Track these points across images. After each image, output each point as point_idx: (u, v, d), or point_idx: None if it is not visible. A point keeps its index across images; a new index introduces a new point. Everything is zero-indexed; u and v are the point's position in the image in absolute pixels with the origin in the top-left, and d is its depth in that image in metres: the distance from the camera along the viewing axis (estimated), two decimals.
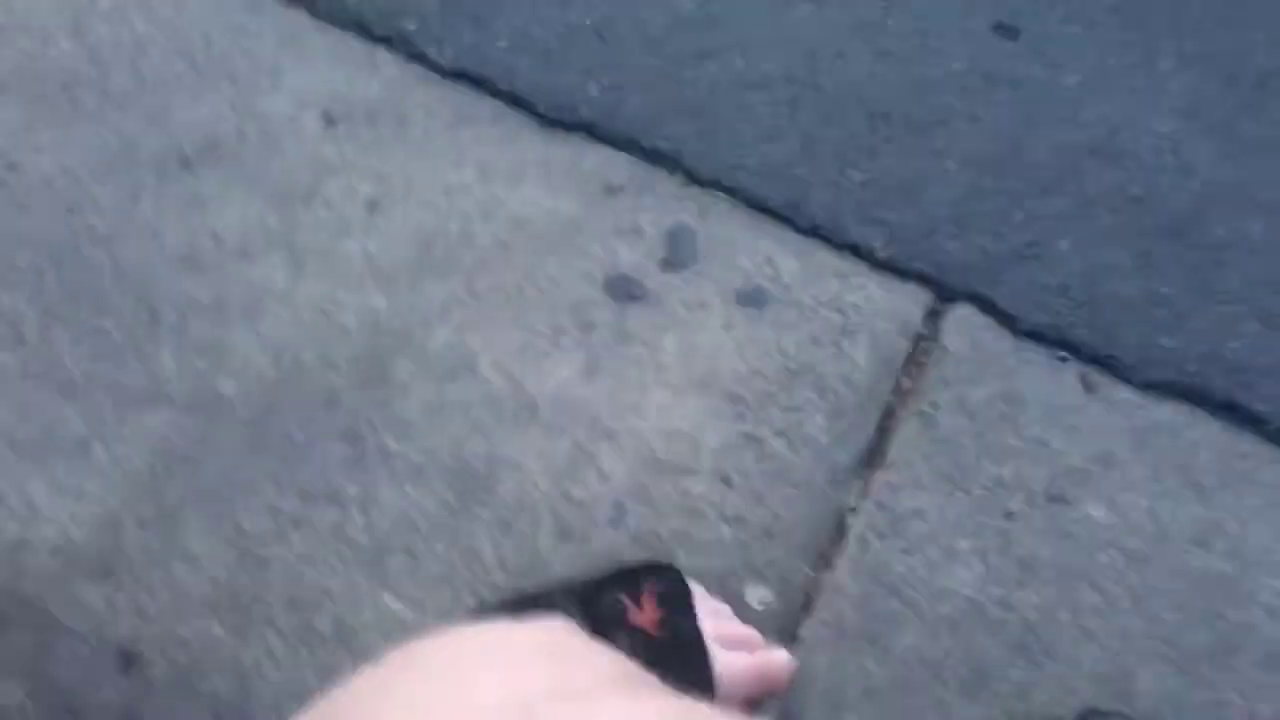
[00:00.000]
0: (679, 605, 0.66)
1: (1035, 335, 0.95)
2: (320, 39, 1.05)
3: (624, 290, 0.92)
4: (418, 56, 1.06)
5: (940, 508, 0.83)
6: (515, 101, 1.04)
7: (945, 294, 0.97)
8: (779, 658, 0.69)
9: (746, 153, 1.04)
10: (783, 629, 0.75)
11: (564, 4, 1.10)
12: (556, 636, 0.40)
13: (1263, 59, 1.11)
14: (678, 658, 0.64)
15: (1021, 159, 1.07)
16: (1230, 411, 0.92)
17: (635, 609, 0.64)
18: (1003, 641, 0.77)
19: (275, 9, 1.04)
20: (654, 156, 1.02)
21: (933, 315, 0.95)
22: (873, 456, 0.85)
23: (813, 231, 0.99)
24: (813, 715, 0.72)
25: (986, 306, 0.96)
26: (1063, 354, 0.94)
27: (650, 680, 0.37)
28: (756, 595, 0.77)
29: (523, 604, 0.66)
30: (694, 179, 1.01)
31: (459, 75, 1.05)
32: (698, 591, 0.72)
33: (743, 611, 0.75)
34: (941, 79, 1.12)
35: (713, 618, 0.69)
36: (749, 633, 0.72)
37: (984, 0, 1.14)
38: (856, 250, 0.99)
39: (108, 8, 1.04)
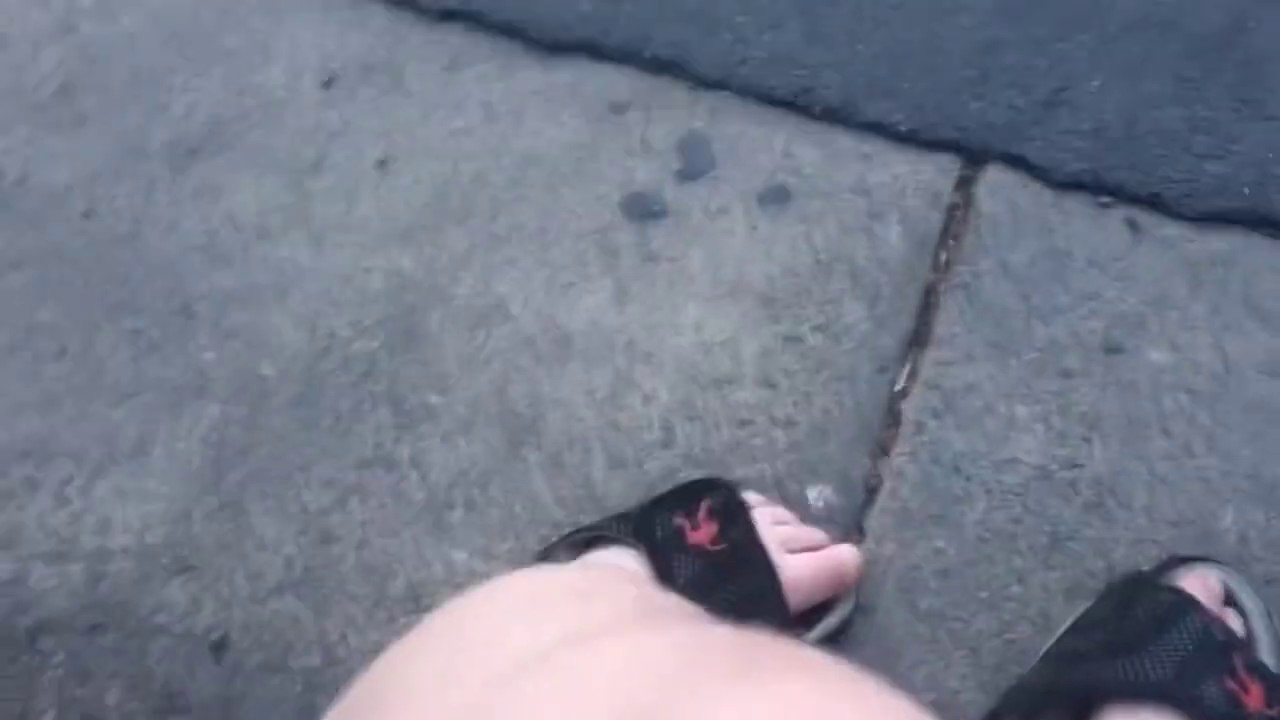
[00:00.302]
0: (733, 516, 0.66)
1: (1074, 185, 0.91)
2: (304, 1, 1.03)
3: (643, 209, 0.90)
4: (405, 3, 1.04)
5: (994, 378, 0.81)
6: (508, 32, 1.02)
7: (975, 158, 0.93)
8: (845, 552, 0.69)
9: (750, 46, 1.01)
10: (848, 524, 0.75)
11: None
12: (586, 578, 0.40)
13: None
14: (740, 569, 0.64)
15: (1038, 2, 1.02)
16: None
17: (691, 528, 0.64)
18: (1075, 502, 0.75)
19: None
20: (656, 66, 1.00)
21: (964, 182, 0.92)
22: (918, 336, 0.83)
23: (828, 117, 0.96)
24: (888, 604, 0.71)
25: (1019, 164, 0.92)
26: (1105, 199, 0.90)
27: (682, 610, 0.37)
28: (817, 494, 0.76)
29: (584, 541, 0.67)
30: (700, 83, 0.98)
31: (448, 15, 1.03)
32: (756, 499, 0.72)
33: (805, 513, 0.75)
34: None
35: (774, 524, 0.69)
36: (813, 533, 0.72)
37: None
38: (876, 128, 0.95)
39: (90, 5, 1.03)
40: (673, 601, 0.39)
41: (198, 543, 0.73)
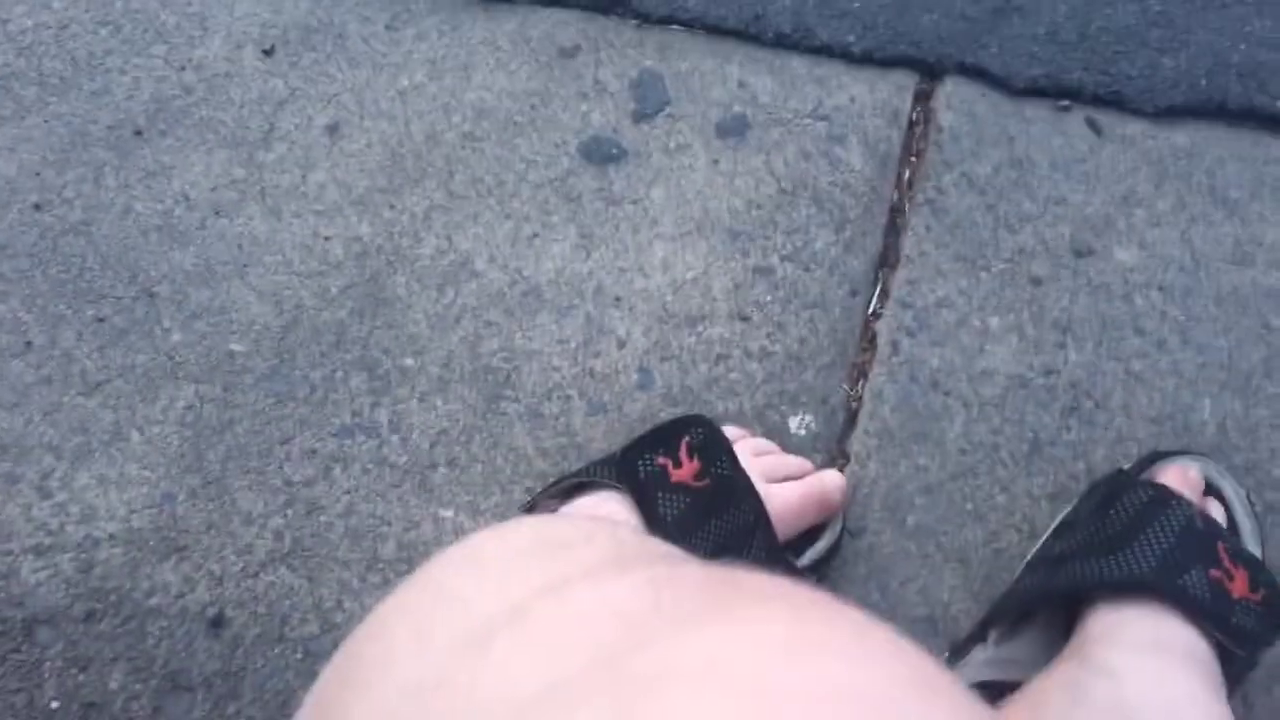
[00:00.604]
0: (715, 451, 0.66)
1: (1032, 91, 0.91)
2: None
3: (602, 152, 0.89)
4: None
5: (965, 291, 0.81)
6: None
7: (931, 72, 0.93)
8: (830, 477, 0.69)
9: None
10: (831, 449, 0.75)
11: None
12: (559, 528, 0.40)
13: None
14: (726, 503, 0.64)
15: None
16: (1249, 118, 0.88)
17: (674, 466, 0.64)
18: (1053, 408, 0.76)
19: None
20: (601, 6, 0.98)
21: (922, 97, 0.91)
22: (887, 257, 0.83)
23: (780, 43, 0.95)
24: (876, 524, 0.72)
25: (976, 74, 0.92)
26: (1064, 102, 0.90)
27: (654, 551, 0.37)
28: (799, 423, 0.76)
29: (568, 489, 0.67)
30: (647, 19, 0.97)
31: None
32: (738, 433, 0.72)
33: (788, 442, 0.75)
34: None
35: (756, 455, 0.69)
36: (798, 461, 0.72)
37: None
38: (829, 50, 0.94)
39: None
40: (646, 543, 0.39)
41: (185, 523, 0.72)
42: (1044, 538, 0.68)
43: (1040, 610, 0.62)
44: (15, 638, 0.69)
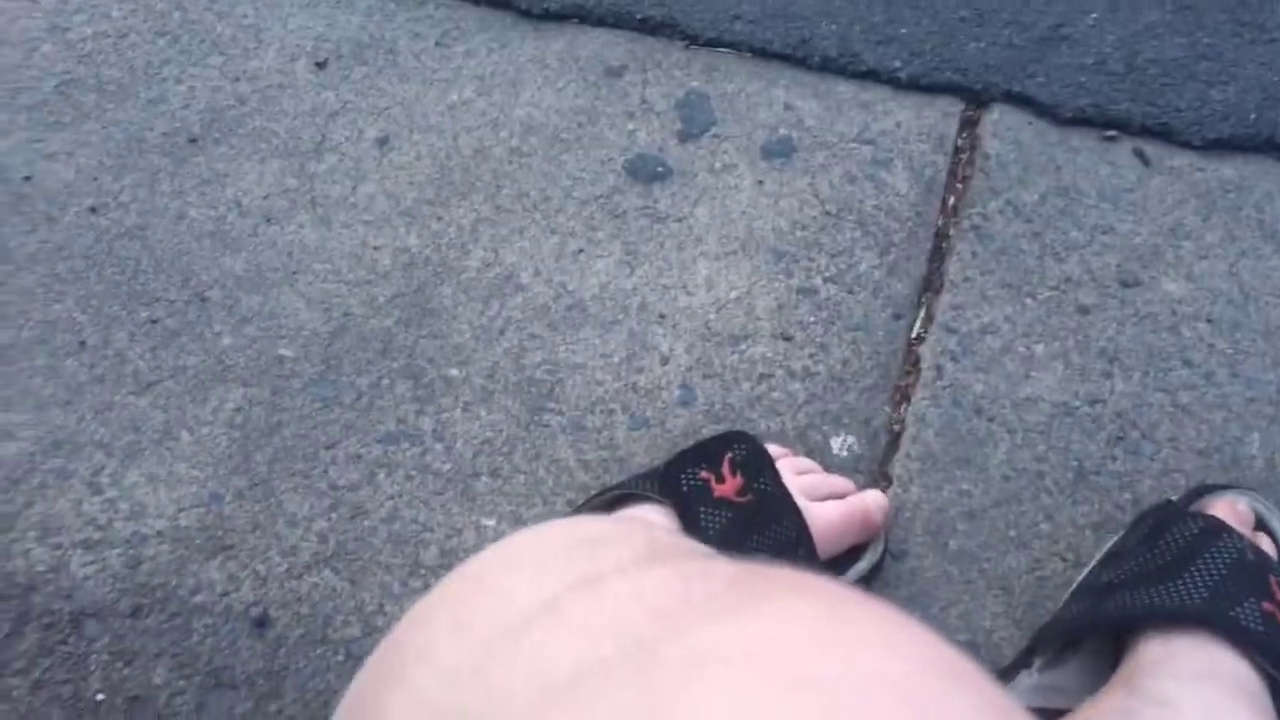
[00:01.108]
0: (758, 468, 0.66)
1: (1079, 120, 0.91)
2: None
3: (648, 170, 0.90)
4: None
5: (1010, 318, 0.81)
6: (497, 4, 1.01)
7: (977, 99, 0.93)
8: (872, 498, 0.69)
9: (743, 1, 1.00)
10: (873, 471, 0.75)
11: None
12: (598, 527, 0.40)
13: None
14: (768, 519, 0.64)
15: None
16: None
17: (716, 481, 0.64)
18: (1098, 437, 0.76)
19: None
20: (649, 27, 0.99)
21: (968, 124, 0.92)
22: (931, 281, 0.83)
23: (826, 66, 0.96)
24: (918, 548, 0.72)
25: (1022, 102, 0.92)
26: (1111, 132, 0.90)
27: (691, 549, 0.37)
28: (841, 444, 0.76)
29: (611, 501, 0.67)
30: (694, 41, 0.98)
31: None
32: (781, 451, 0.72)
33: (830, 462, 0.75)
34: None
35: (800, 474, 0.69)
36: (840, 481, 0.72)
37: None
38: (876, 75, 0.95)
39: (80, 2, 1.03)
40: (681, 542, 0.40)
41: (231, 523, 0.73)
42: (1090, 566, 0.68)
43: (1087, 638, 0.61)
44: (63, 630, 0.69)
